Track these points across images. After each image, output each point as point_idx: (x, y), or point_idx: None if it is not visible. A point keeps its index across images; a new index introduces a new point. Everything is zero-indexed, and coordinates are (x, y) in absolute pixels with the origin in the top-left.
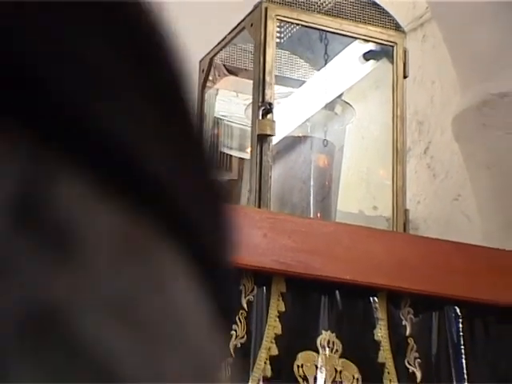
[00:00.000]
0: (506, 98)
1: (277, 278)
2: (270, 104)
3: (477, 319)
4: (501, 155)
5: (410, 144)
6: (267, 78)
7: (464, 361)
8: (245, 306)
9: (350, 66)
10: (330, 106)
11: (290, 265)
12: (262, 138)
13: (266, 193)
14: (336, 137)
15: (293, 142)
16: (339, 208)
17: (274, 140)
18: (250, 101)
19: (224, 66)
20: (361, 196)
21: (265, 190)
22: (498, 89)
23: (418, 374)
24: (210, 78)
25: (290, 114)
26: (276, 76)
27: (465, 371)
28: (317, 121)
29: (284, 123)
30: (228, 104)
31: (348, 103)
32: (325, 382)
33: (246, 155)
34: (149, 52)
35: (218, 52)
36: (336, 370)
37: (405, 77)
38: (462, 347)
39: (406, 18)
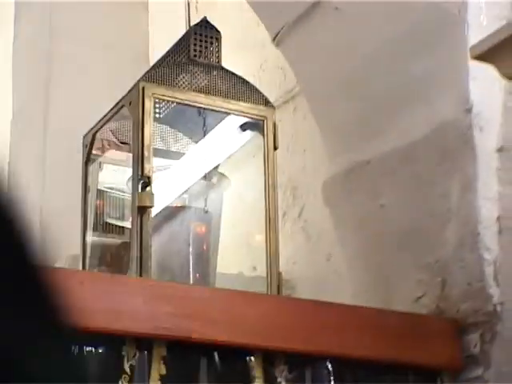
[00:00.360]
0: (369, 165)
1: (158, 343)
2: (149, 177)
3: (347, 375)
4: (366, 218)
5: (285, 208)
6: (145, 153)
7: None
8: (127, 370)
9: (226, 138)
10: (207, 177)
11: (170, 329)
12: (142, 210)
13: (147, 261)
14: (214, 205)
15: (172, 212)
16: (220, 270)
17: (154, 210)
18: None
19: (107, 140)
20: (240, 258)
21: (146, 258)
22: (361, 157)
23: None
24: (94, 151)
25: (170, 184)
26: (155, 149)
27: None
28: (195, 191)
29: (164, 194)
30: (112, 176)
31: (223, 174)
32: None
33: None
34: None
35: (100, 127)
36: None
37: (275, 148)
38: None
39: (278, 91)
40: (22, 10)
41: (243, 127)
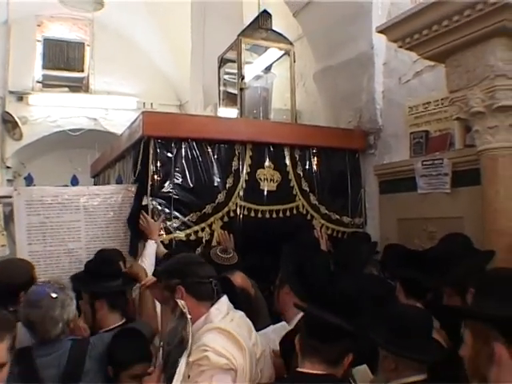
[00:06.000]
0: (332, 67)
1: (249, 145)
2: (243, 76)
3: (323, 155)
4: (328, 88)
5: (297, 82)
6: (242, 66)
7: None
8: (237, 154)
9: (274, 57)
10: (266, 72)
11: (253, 138)
12: (241, 90)
13: (244, 106)
14: (269, 83)
15: (253, 88)
16: (274, 106)
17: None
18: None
19: (228, 59)
20: (281, 102)
21: (244, 105)
22: (329, 63)
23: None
24: (222, 64)
25: (252, 74)
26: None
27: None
28: (262, 77)
29: (249, 78)
30: (229, 76)
31: (273, 73)
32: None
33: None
34: None
35: (224, 54)
36: None
37: (294, 61)
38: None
39: (294, 36)
40: None
41: (281, 53)
